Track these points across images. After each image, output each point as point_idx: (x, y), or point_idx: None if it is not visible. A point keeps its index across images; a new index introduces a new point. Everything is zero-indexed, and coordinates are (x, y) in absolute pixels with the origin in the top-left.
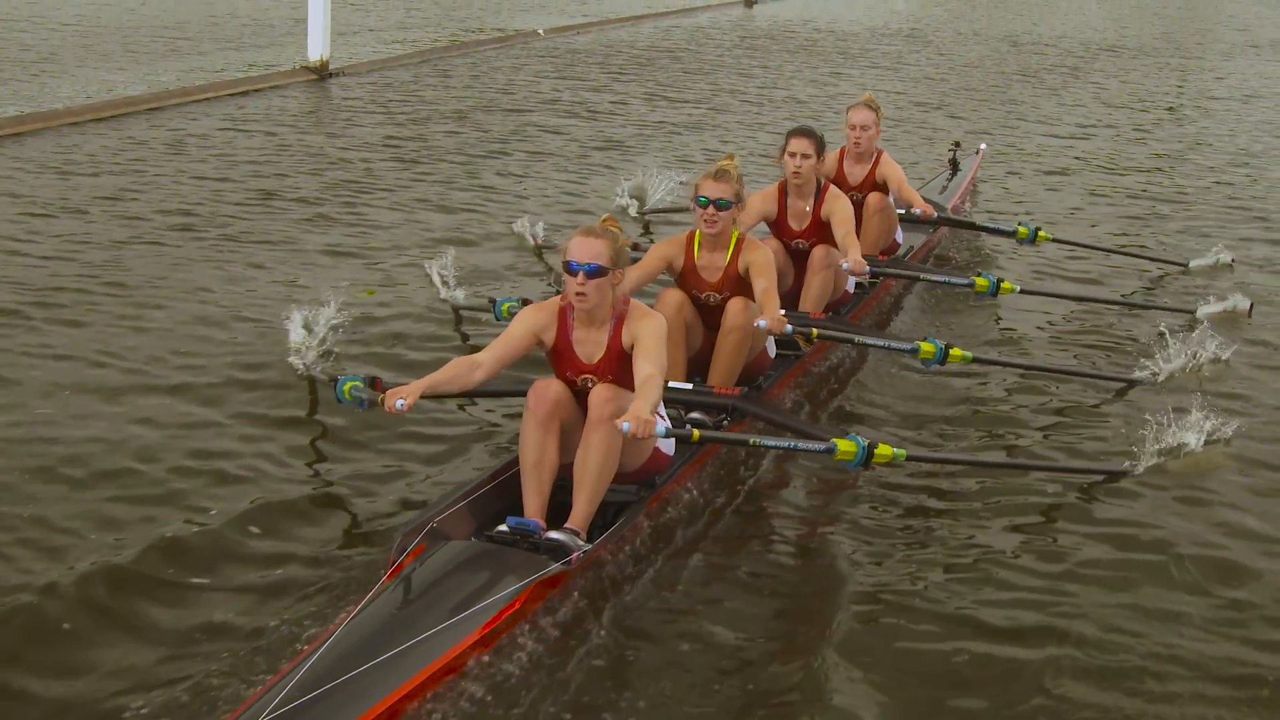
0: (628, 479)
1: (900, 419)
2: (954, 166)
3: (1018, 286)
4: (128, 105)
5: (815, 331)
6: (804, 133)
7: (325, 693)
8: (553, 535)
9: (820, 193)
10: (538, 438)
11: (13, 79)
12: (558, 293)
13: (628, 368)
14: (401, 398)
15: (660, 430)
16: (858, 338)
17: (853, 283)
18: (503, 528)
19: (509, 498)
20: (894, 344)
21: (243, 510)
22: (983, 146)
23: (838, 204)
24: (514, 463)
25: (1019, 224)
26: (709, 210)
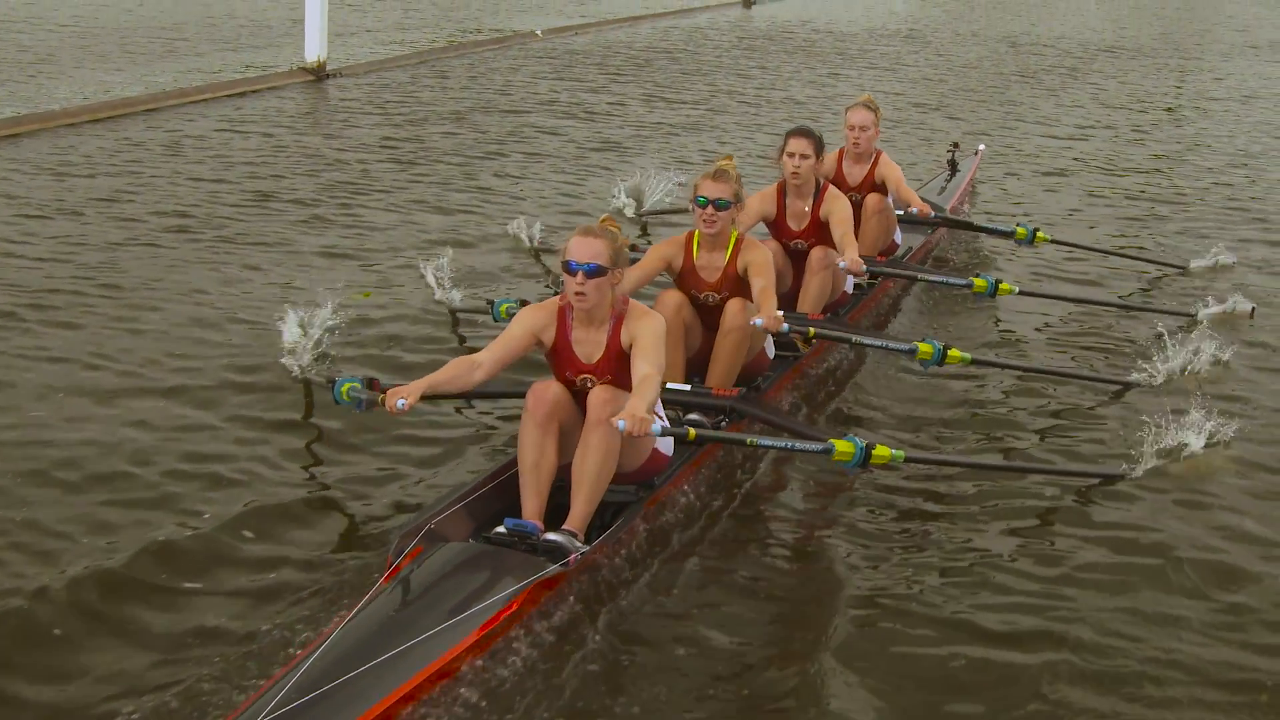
0: (626, 479)
1: (898, 421)
2: (952, 167)
3: (1016, 288)
4: (124, 106)
5: (812, 331)
6: (803, 133)
7: (323, 694)
8: (550, 537)
9: (819, 193)
10: (536, 439)
11: (10, 80)
12: (556, 294)
13: (627, 367)
14: (402, 397)
15: (656, 429)
16: (855, 338)
17: (851, 283)
18: (500, 529)
19: (507, 499)
20: (892, 344)
21: (236, 514)
22: (981, 147)
23: (836, 204)
24: (512, 464)
25: (1017, 225)
26: (708, 210)
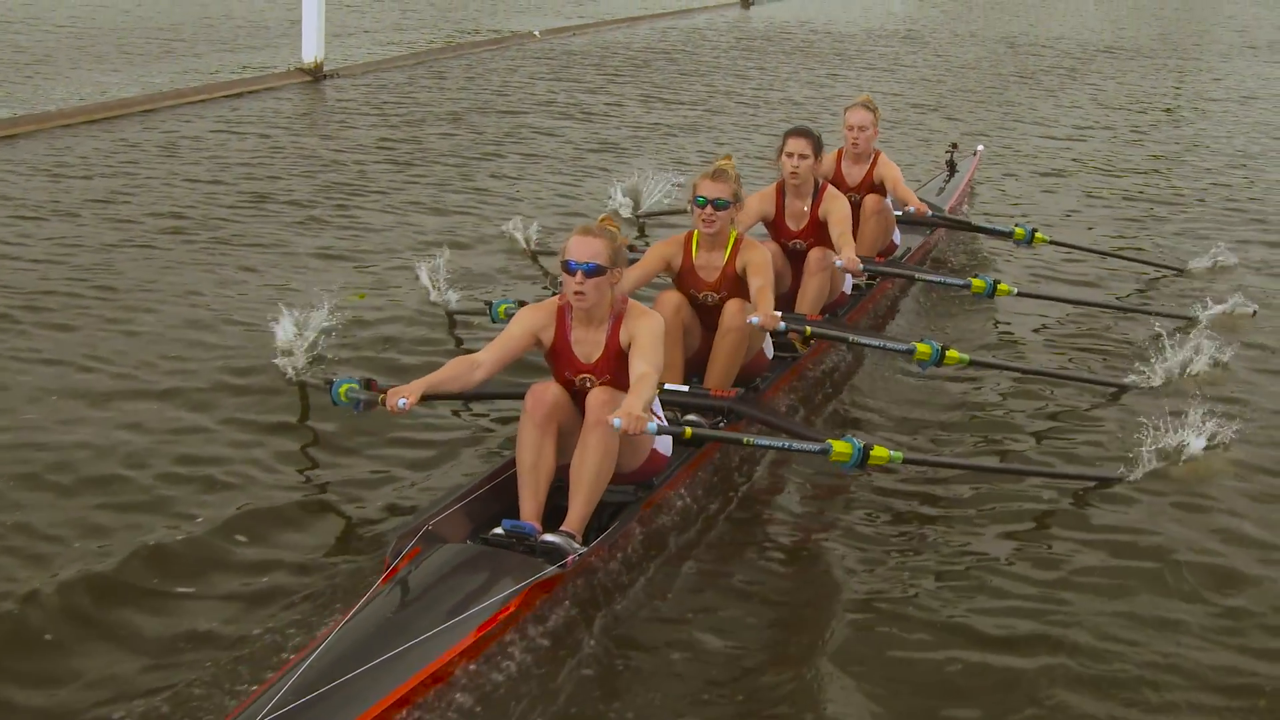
0: (625, 480)
1: (897, 422)
2: (951, 168)
3: (1015, 289)
4: (121, 107)
5: (809, 330)
6: (801, 133)
7: (320, 695)
8: (548, 538)
9: (818, 193)
10: (534, 440)
11: (6, 81)
12: (555, 294)
13: (626, 367)
14: (403, 397)
15: (651, 428)
16: (853, 337)
17: (849, 284)
18: (498, 530)
19: (505, 500)
20: (889, 344)
21: (230, 517)
22: (980, 148)
23: (835, 204)
24: (510, 465)
25: (1015, 225)
26: (707, 210)
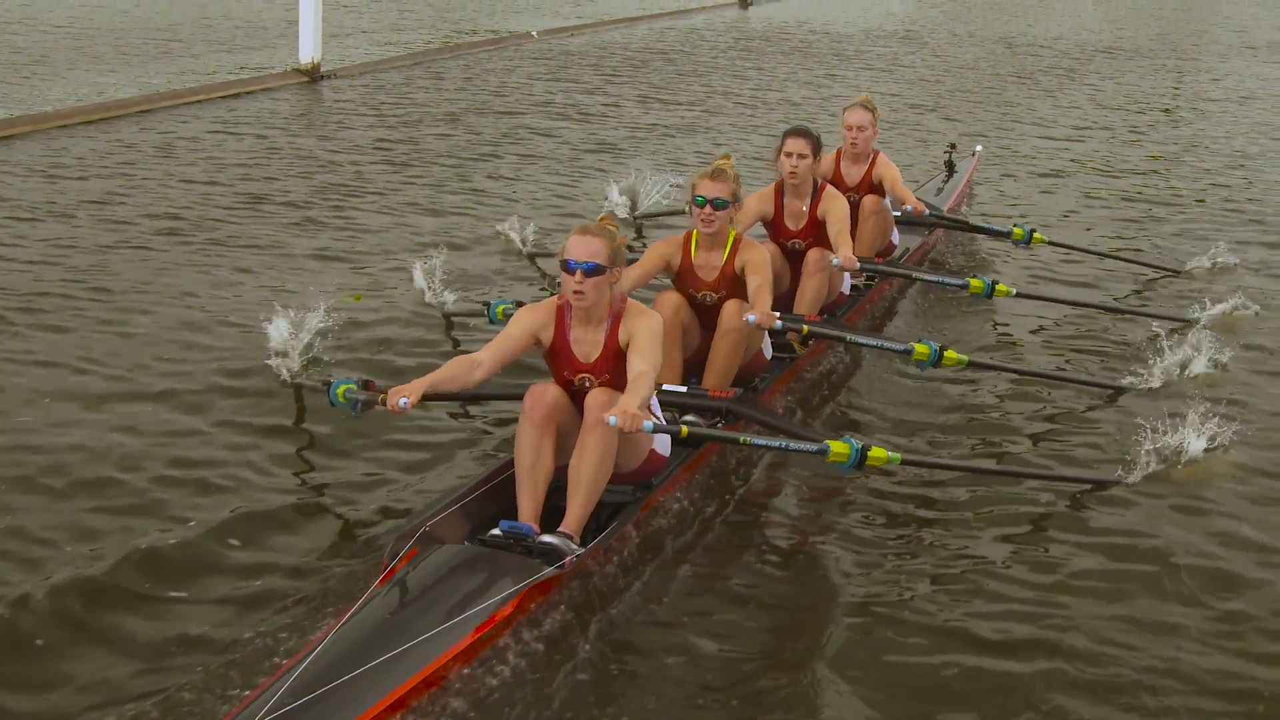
0: (624, 480)
1: (895, 424)
2: (950, 169)
3: (1013, 289)
4: (117, 108)
5: (805, 329)
6: (800, 133)
7: (319, 697)
8: (546, 539)
9: (817, 193)
10: (533, 442)
11: (3, 81)
12: (552, 295)
13: (625, 366)
14: (404, 396)
15: (647, 426)
16: (850, 336)
17: (848, 285)
18: (496, 531)
19: (503, 501)
20: (887, 344)
21: (223, 520)
22: (978, 149)
23: (834, 203)
24: (507, 466)
25: (1014, 225)
26: (706, 210)
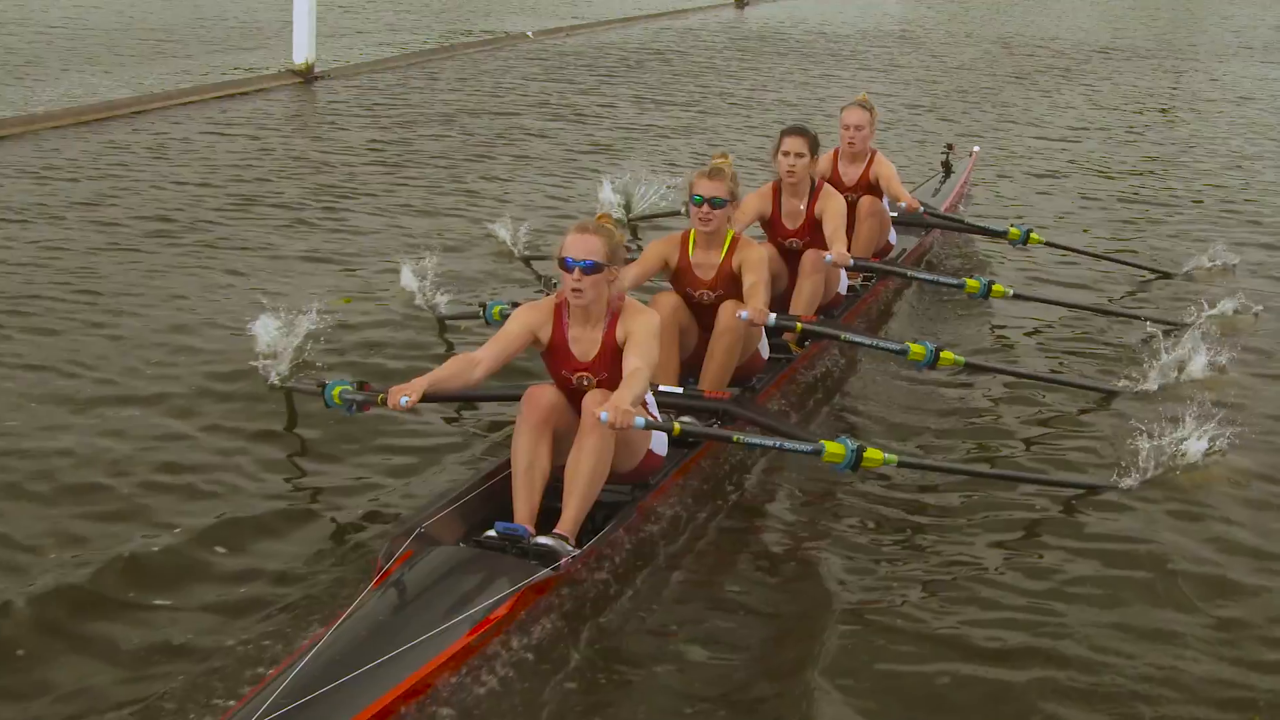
0: (621, 480)
1: (892, 426)
2: (947, 169)
3: (1010, 290)
4: (109, 109)
5: (800, 327)
6: (798, 132)
7: (316, 698)
8: (541, 540)
9: (814, 192)
10: (530, 443)
11: None
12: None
13: (622, 364)
14: (406, 394)
15: (639, 422)
16: (845, 335)
17: (845, 285)
18: (491, 533)
19: (498, 503)
20: (883, 344)
21: (210, 526)
22: (976, 149)
23: (831, 202)
24: (504, 467)
25: (1011, 225)
26: (703, 209)
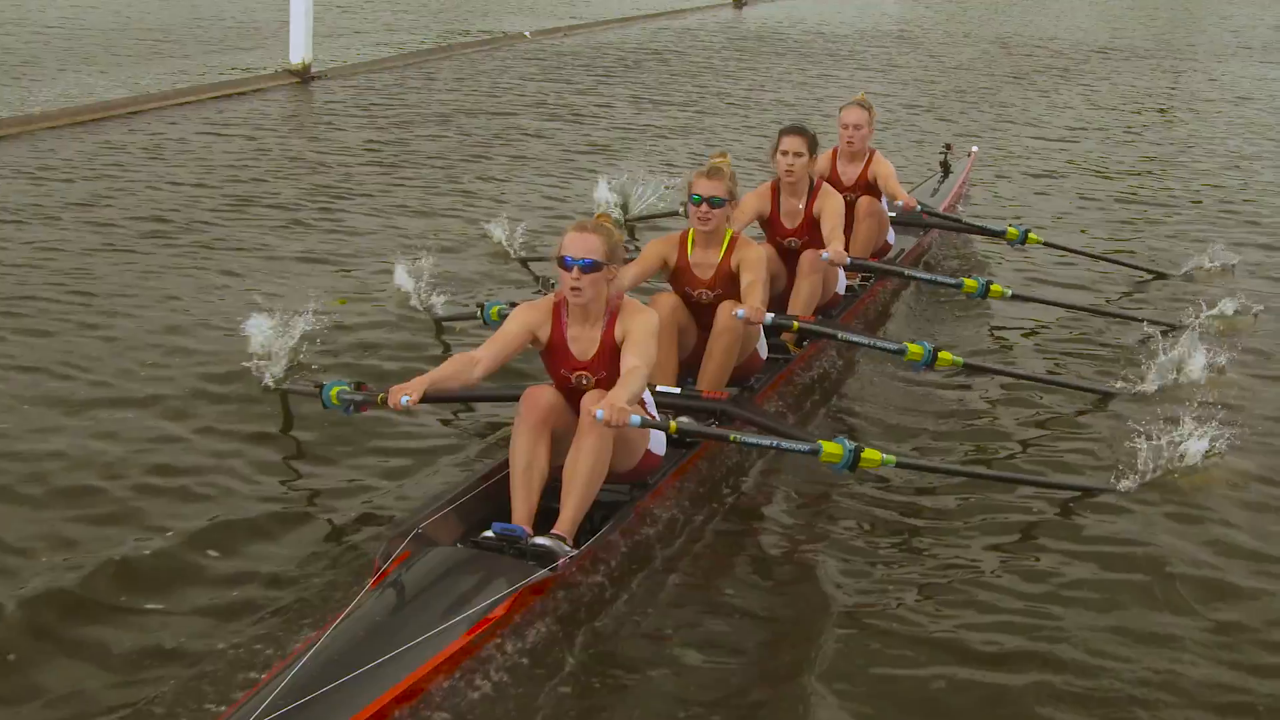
0: (619, 479)
1: (890, 427)
2: (945, 170)
3: (1009, 291)
4: (105, 110)
5: (796, 325)
6: (796, 131)
7: (314, 699)
8: (539, 541)
9: (813, 191)
10: (528, 444)
11: None
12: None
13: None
14: (406, 394)
15: (634, 420)
16: (841, 334)
17: (843, 285)
18: (488, 534)
19: (496, 503)
20: (880, 343)
21: (202, 529)
22: (974, 149)
23: (829, 201)
24: (501, 468)
25: (1009, 225)
26: (702, 208)
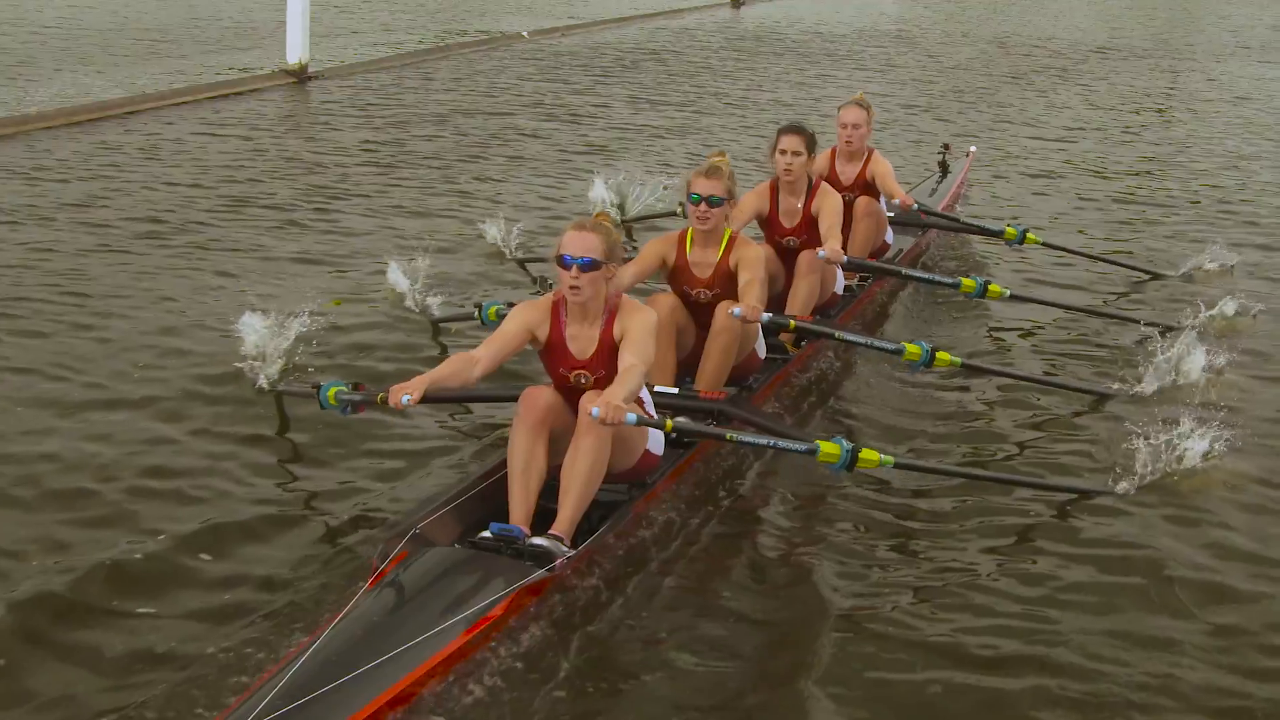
0: (617, 478)
1: (889, 427)
2: (943, 169)
3: (1007, 291)
4: (102, 110)
5: (793, 324)
6: (795, 130)
7: (311, 700)
8: (536, 541)
9: (811, 190)
10: (526, 444)
11: None
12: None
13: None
14: (407, 393)
15: (630, 418)
16: (838, 333)
17: (841, 285)
18: (486, 534)
19: (494, 503)
20: (877, 343)
21: (195, 532)
22: (972, 149)
23: (827, 199)
24: (499, 468)
25: (1007, 225)
26: (701, 207)
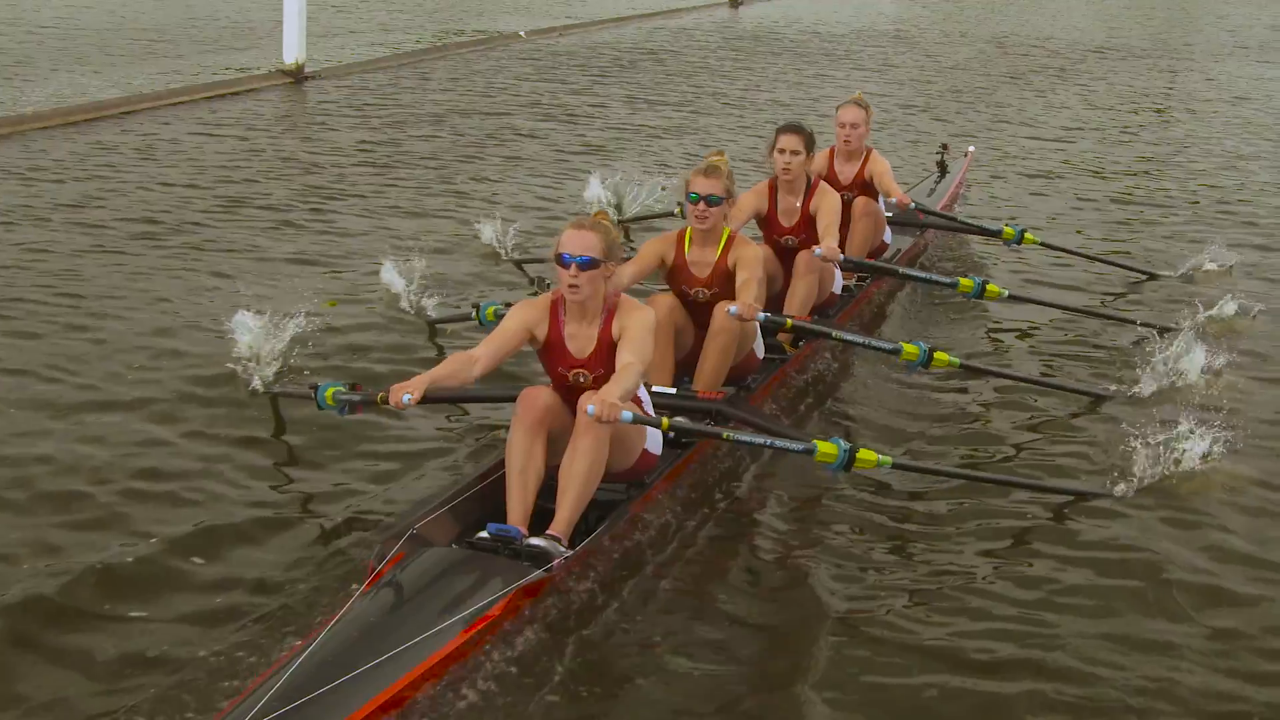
0: (616, 478)
1: (887, 428)
2: (942, 169)
3: (1005, 291)
4: (98, 110)
5: (789, 323)
6: (794, 129)
7: (309, 701)
8: (534, 541)
9: (810, 189)
10: (524, 445)
11: None
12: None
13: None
14: (407, 392)
15: (626, 416)
16: (835, 333)
17: (839, 285)
18: (483, 534)
19: (492, 503)
20: (875, 343)
21: (188, 535)
22: (971, 149)
23: (826, 199)
24: (497, 468)
25: (1005, 224)
26: (700, 206)
